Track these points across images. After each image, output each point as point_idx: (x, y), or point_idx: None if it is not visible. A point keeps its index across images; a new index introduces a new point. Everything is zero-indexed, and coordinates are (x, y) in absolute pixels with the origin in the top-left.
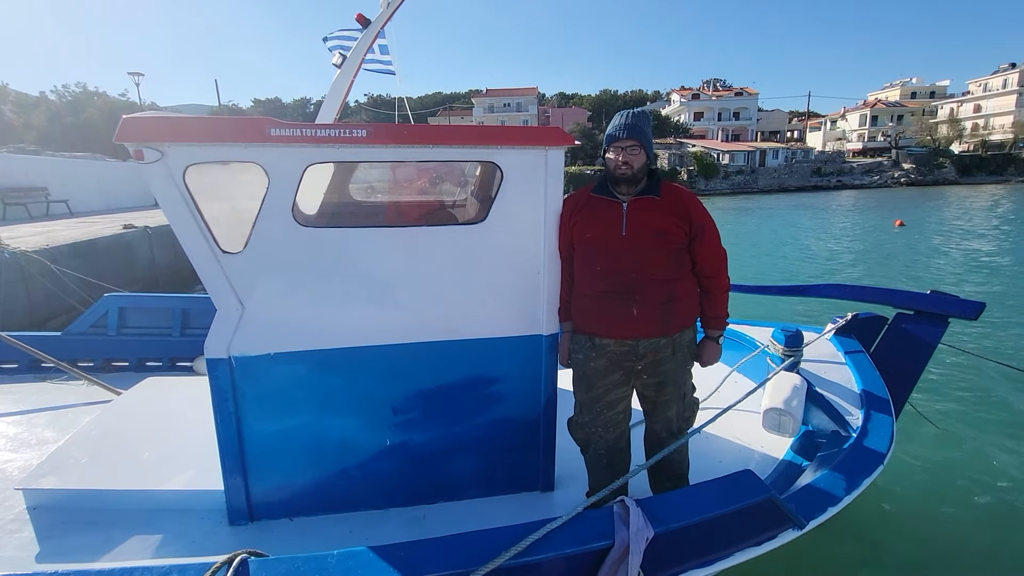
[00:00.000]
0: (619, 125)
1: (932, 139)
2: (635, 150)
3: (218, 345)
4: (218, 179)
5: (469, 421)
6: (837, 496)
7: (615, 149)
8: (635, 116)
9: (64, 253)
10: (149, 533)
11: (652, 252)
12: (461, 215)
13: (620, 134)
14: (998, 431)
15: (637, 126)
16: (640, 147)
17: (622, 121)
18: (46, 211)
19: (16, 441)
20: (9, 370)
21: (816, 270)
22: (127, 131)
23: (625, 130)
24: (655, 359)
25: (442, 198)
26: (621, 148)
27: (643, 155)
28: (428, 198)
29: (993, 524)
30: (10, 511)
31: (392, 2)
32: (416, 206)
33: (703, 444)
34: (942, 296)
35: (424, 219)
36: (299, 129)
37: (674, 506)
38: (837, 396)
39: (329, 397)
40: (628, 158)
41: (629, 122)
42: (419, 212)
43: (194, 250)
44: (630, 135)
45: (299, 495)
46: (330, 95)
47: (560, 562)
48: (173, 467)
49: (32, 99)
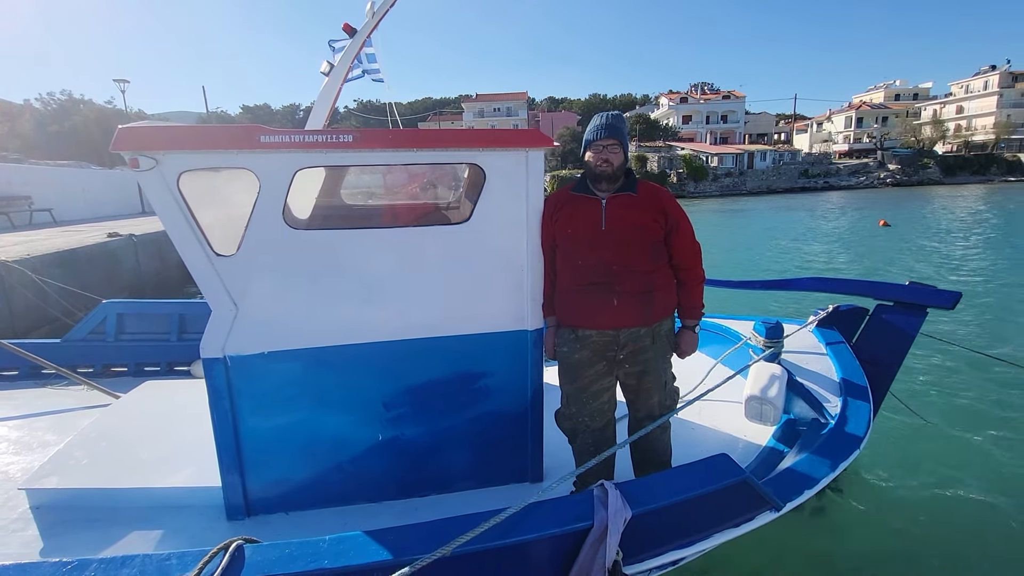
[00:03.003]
0: (599, 126)
1: (916, 140)
2: (615, 148)
3: (213, 345)
4: (211, 185)
5: (458, 415)
6: (813, 479)
7: (596, 148)
8: (613, 117)
9: (46, 263)
10: (149, 529)
11: (631, 245)
12: (455, 216)
13: (600, 134)
14: (975, 419)
15: (615, 126)
16: (619, 145)
17: (601, 122)
18: (29, 220)
19: (18, 444)
20: (10, 377)
21: (801, 267)
22: (123, 140)
23: (605, 130)
24: (636, 348)
25: (437, 201)
26: (602, 147)
27: (622, 153)
28: (423, 201)
29: (970, 512)
30: (14, 511)
31: (377, 12)
32: (411, 209)
33: (688, 434)
34: (920, 287)
35: (418, 221)
36: (288, 135)
37: (651, 488)
38: (817, 385)
39: (322, 394)
40: (608, 156)
41: (608, 122)
42: (414, 215)
43: (189, 253)
44: (609, 134)
45: (294, 490)
46: (319, 101)
47: (542, 543)
48: (171, 466)
49: (17, 107)
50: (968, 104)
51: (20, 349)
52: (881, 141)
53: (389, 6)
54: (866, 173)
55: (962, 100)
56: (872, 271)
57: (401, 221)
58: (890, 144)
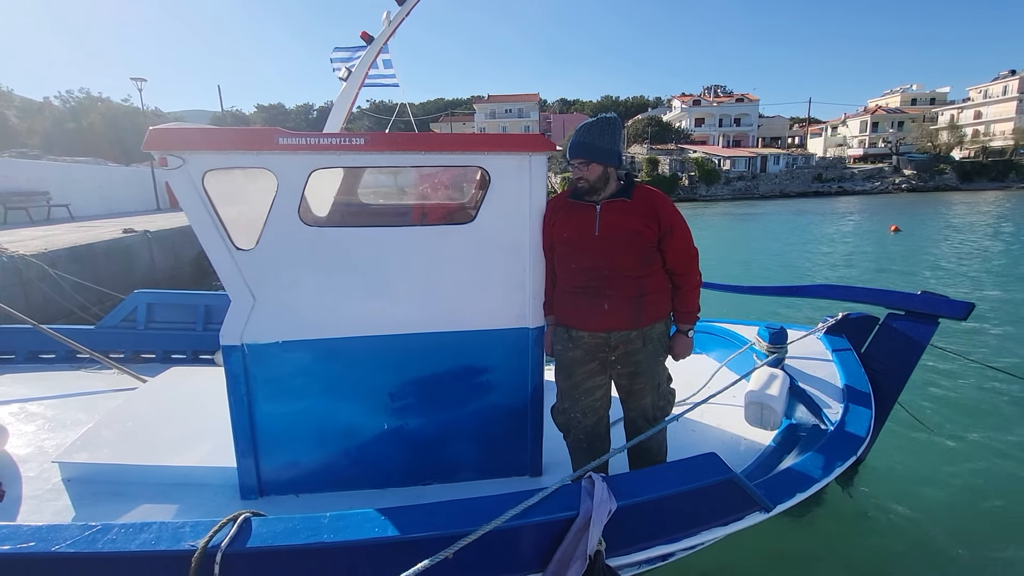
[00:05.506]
0: (570, 144)
1: (933, 145)
2: (584, 166)
3: (232, 333)
4: (233, 183)
5: (461, 408)
6: (806, 483)
7: (571, 165)
8: (584, 132)
9: (63, 257)
10: (168, 503)
11: (622, 251)
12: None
13: (569, 153)
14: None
15: (582, 143)
16: (587, 162)
17: (572, 139)
18: (47, 215)
19: (53, 422)
20: (48, 360)
21: (813, 272)
22: (153, 140)
23: (572, 149)
24: (627, 350)
25: (463, 200)
26: (574, 165)
27: (596, 167)
28: (451, 201)
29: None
30: (47, 482)
31: (393, 20)
32: (440, 208)
33: (689, 437)
34: (932, 297)
35: (446, 219)
36: (304, 138)
37: (638, 482)
38: (820, 391)
39: (331, 383)
40: (581, 173)
41: (576, 140)
42: (442, 212)
43: (211, 247)
44: (574, 154)
45: (305, 473)
46: (336, 105)
47: (529, 530)
48: (191, 446)
49: (36, 104)
50: (986, 109)
51: (58, 334)
52: (896, 146)
53: (405, 14)
54: (881, 178)
55: (980, 105)
56: (882, 278)
57: (432, 218)
58: (906, 149)
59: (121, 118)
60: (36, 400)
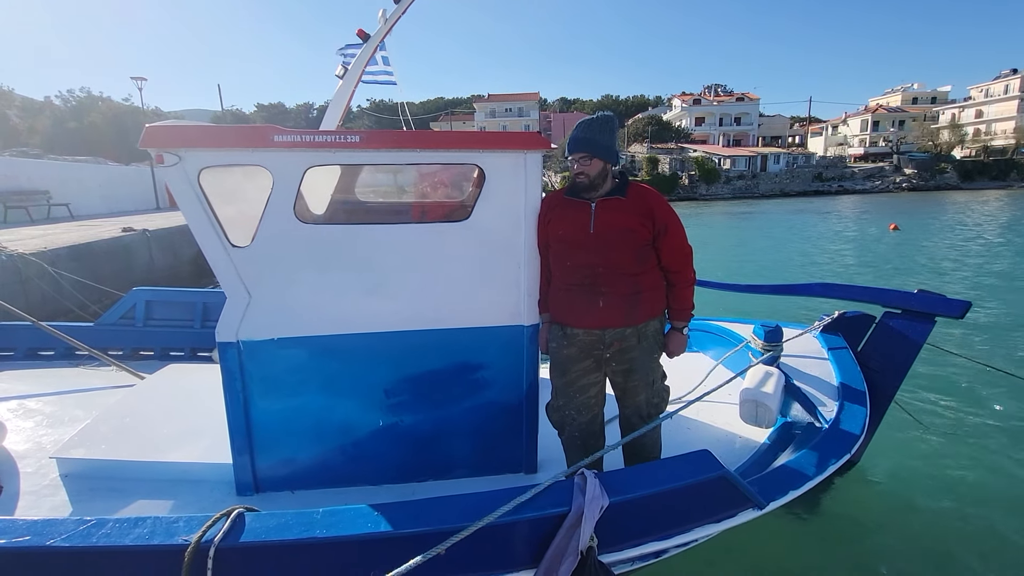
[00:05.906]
0: (571, 139)
1: (934, 144)
2: (586, 160)
3: (228, 330)
4: (229, 181)
5: (456, 405)
6: (800, 480)
7: (571, 160)
8: (585, 128)
9: (62, 256)
10: (165, 499)
11: (617, 248)
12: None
13: (570, 148)
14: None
15: (585, 138)
16: (590, 157)
17: (574, 134)
18: (47, 214)
19: (51, 418)
20: (47, 357)
21: (811, 271)
22: (150, 138)
23: (574, 144)
24: (621, 347)
25: (463, 199)
26: (575, 160)
27: (597, 163)
28: (450, 199)
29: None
30: (45, 478)
31: (390, 18)
32: (440, 206)
33: (684, 435)
34: (929, 295)
35: (446, 218)
36: (299, 135)
37: (631, 479)
38: (815, 389)
39: (327, 379)
40: (582, 168)
41: (578, 135)
42: (442, 211)
43: (207, 244)
44: (576, 148)
45: (300, 470)
46: (333, 103)
47: (521, 526)
48: (188, 443)
49: (37, 104)
50: (988, 108)
51: (57, 331)
52: (897, 145)
53: (401, 12)
54: (881, 177)
55: (981, 104)
56: (880, 276)
57: (432, 216)
58: (906, 148)
59: (122, 117)
60: (35, 396)
